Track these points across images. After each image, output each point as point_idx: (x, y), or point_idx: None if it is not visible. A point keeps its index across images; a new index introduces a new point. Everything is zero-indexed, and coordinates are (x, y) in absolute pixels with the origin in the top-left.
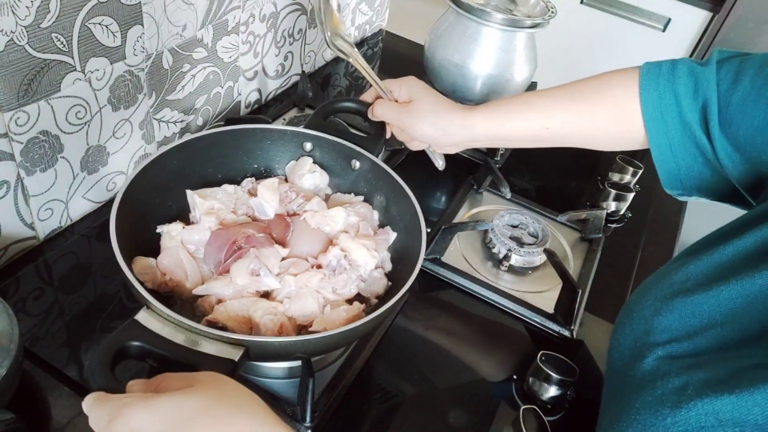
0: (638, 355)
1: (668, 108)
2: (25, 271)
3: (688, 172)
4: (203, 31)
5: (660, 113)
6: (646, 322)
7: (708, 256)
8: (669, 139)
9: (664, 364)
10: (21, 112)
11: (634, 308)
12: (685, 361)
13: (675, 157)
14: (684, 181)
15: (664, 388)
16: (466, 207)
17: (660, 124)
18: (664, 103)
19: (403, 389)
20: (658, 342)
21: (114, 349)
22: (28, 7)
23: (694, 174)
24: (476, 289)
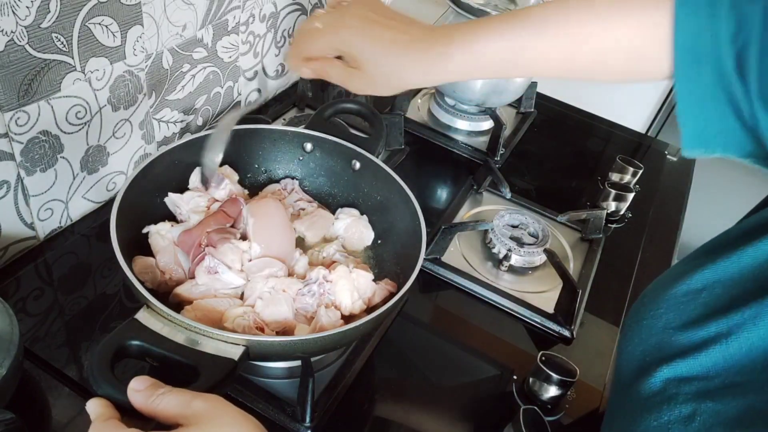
0: (646, 371)
1: (705, 51)
2: (25, 271)
3: (717, 128)
4: (203, 31)
5: (694, 56)
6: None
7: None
8: (701, 88)
9: (671, 385)
10: (21, 112)
11: (644, 315)
12: (694, 384)
13: (704, 110)
14: (709, 138)
15: (670, 414)
16: (466, 207)
17: (693, 69)
18: (700, 44)
19: (403, 389)
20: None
21: (114, 348)
22: (28, 7)
23: (722, 130)
24: (476, 289)
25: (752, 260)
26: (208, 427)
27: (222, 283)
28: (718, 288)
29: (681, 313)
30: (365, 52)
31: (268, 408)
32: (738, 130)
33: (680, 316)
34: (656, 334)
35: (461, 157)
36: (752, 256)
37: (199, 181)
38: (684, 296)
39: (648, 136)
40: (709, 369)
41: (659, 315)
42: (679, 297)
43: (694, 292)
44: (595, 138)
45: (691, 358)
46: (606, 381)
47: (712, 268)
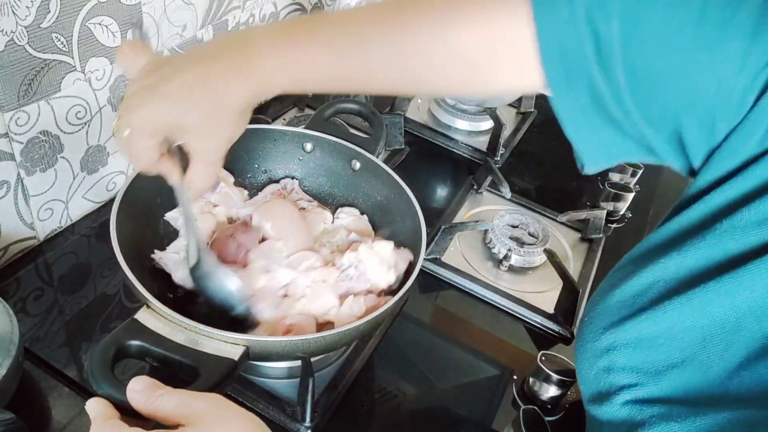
0: (605, 396)
1: (574, 71)
2: (25, 271)
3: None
4: (203, 31)
5: (565, 77)
6: (603, 357)
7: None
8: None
9: (635, 411)
10: (21, 112)
11: (587, 335)
12: (656, 407)
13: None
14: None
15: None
16: (466, 207)
17: (566, 91)
18: (568, 64)
19: (403, 389)
20: (623, 384)
21: (114, 348)
22: (28, 7)
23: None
24: (476, 289)
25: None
26: (209, 427)
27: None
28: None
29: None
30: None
31: (268, 408)
32: (628, 141)
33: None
34: (601, 356)
35: (461, 157)
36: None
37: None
38: (617, 311)
39: None
40: (669, 393)
41: (598, 336)
42: (612, 312)
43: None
44: None
45: (651, 384)
46: None
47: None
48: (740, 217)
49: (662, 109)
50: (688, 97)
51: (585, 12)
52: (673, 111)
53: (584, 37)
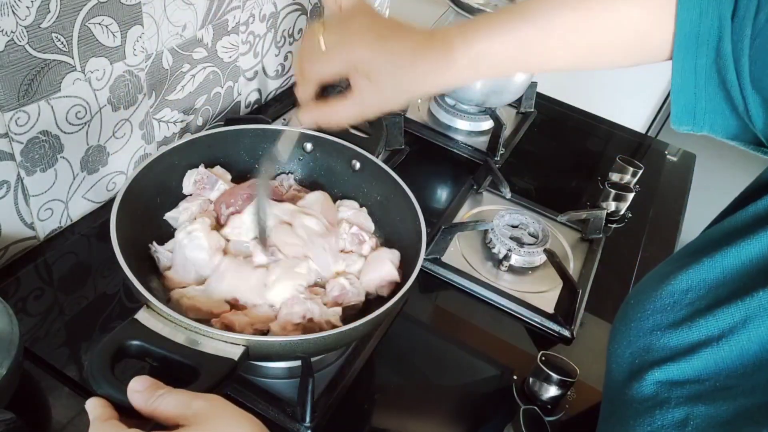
0: (636, 374)
1: (707, 31)
2: (25, 271)
3: (707, 106)
4: (203, 31)
5: (696, 36)
6: (645, 337)
7: (710, 260)
8: (696, 66)
9: (663, 389)
10: (21, 112)
11: (631, 316)
12: (686, 388)
13: (697, 88)
14: (698, 115)
15: (663, 419)
16: (466, 207)
17: (692, 48)
18: (704, 25)
19: (403, 389)
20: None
21: (114, 348)
22: (28, 7)
23: (711, 109)
24: (476, 289)
25: (735, 260)
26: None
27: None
28: (702, 288)
29: (668, 314)
30: (376, 66)
31: (268, 408)
32: (727, 111)
33: (667, 317)
34: (644, 336)
35: (461, 157)
36: (735, 256)
37: (192, 184)
38: (670, 297)
39: (648, 136)
40: (700, 372)
41: (646, 316)
42: (665, 298)
43: (680, 292)
44: (595, 138)
45: (682, 362)
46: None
47: (696, 268)
48: None
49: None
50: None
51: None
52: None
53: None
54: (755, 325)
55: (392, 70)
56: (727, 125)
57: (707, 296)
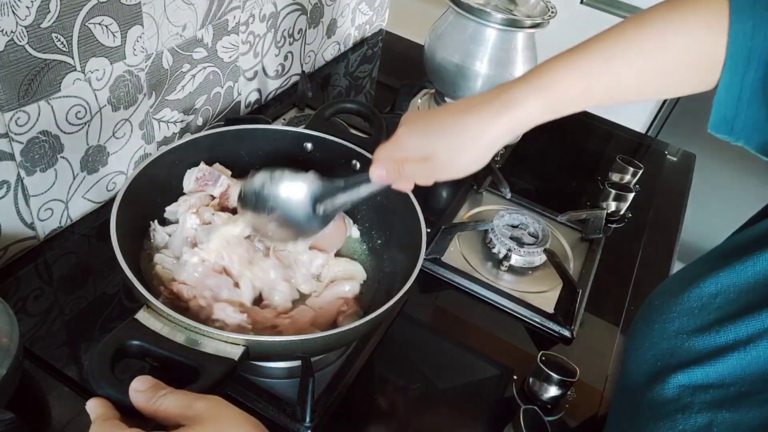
0: (658, 376)
1: (758, 44)
2: (25, 271)
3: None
4: (203, 31)
5: (748, 49)
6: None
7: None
8: (743, 80)
9: (686, 393)
10: (21, 112)
11: (656, 318)
12: (710, 393)
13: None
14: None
15: (685, 423)
16: (466, 207)
17: (742, 61)
18: (756, 38)
19: (403, 389)
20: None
21: (114, 348)
22: (28, 7)
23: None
24: (476, 289)
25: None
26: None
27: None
28: (732, 293)
29: (695, 318)
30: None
31: (268, 408)
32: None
33: (694, 321)
34: (669, 338)
35: None
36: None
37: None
38: (697, 300)
39: (648, 136)
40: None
41: (671, 319)
42: (692, 301)
43: (708, 296)
44: (595, 138)
45: (707, 366)
46: (606, 381)
47: (727, 272)
48: None
49: None
50: None
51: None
52: None
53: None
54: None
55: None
56: (764, 142)
57: (737, 301)
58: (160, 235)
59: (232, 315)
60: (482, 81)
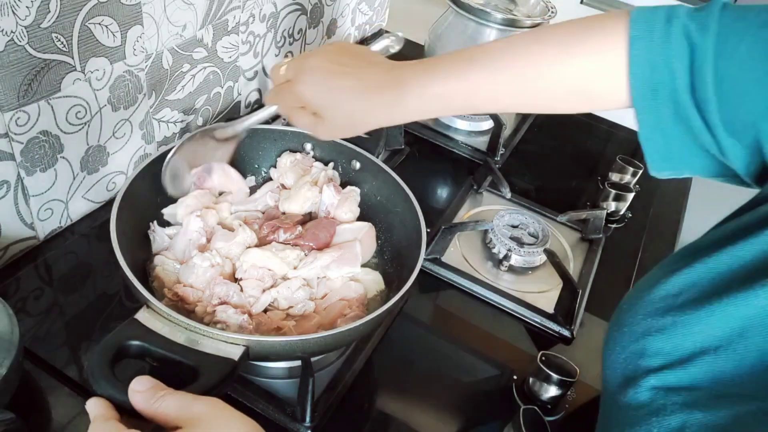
0: (631, 380)
1: (661, 84)
2: (25, 271)
3: (681, 151)
4: (203, 31)
5: (652, 90)
6: (638, 342)
7: (701, 264)
8: (660, 117)
9: (659, 396)
10: (21, 112)
11: (624, 321)
12: (682, 395)
13: (666, 137)
14: (675, 160)
15: (659, 426)
16: (466, 207)
17: (650, 101)
18: (656, 78)
19: (403, 389)
20: (652, 368)
21: (114, 348)
22: (28, 7)
23: (687, 152)
24: (476, 289)
25: (727, 267)
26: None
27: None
28: (694, 292)
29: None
30: (324, 105)
31: (268, 408)
32: (701, 153)
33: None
34: (637, 340)
35: (461, 157)
36: (727, 263)
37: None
38: (661, 301)
39: None
40: (697, 380)
41: (638, 321)
42: (656, 302)
43: (672, 296)
44: (595, 138)
45: (679, 369)
46: None
47: (687, 271)
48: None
49: (746, 114)
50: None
51: (682, 28)
52: (755, 116)
53: (678, 50)
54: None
55: (338, 106)
56: (707, 166)
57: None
58: (160, 237)
59: (233, 316)
60: None
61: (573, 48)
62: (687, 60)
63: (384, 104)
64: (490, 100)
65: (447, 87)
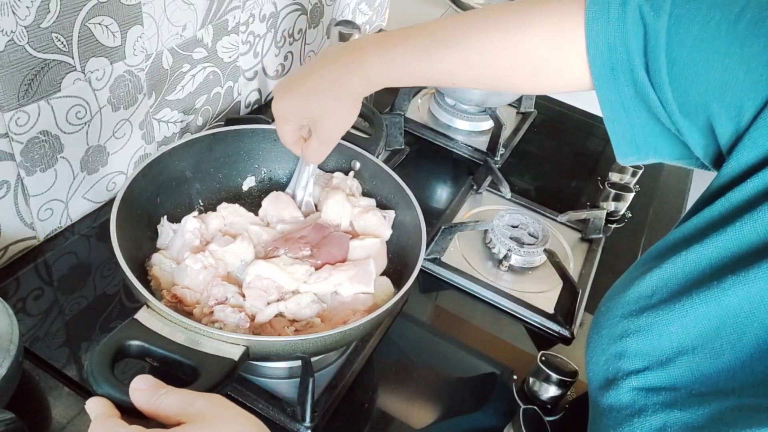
0: (612, 382)
1: (619, 64)
2: (25, 271)
3: (644, 132)
4: (203, 31)
5: (611, 69)
6: (616, 344)
7: (671, 264)
8: (621, 96)
9: (640, 397)
10: (21, 112)
11: (602, 323)
12: (662, 395)
13: (628, 116)
14: (639, 142)
15: (641, 427)
16: (466, 207)
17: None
18: (615, 58)
19: (403, 389)
20: (632, 370)
21: (114, 348)
22: (28, 7)
23: (650, 134)
24: (476, 289)
25: (694, 266)
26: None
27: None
28: (665, 292)
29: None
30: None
31: (268, 408)
32: (664, 134)
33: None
34: (615, 342)
35: (461, 157)
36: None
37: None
38: (636, 302)
39: None
40: (676, 380)
41: (615, 323)
42: (631, 303)
43: (645, 297)
44: (595, 138)
45: (659, 370)
46: None
47: (658, 271)
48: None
49: (697, 96)
50: (720, 84)
51: (637, 10)
52: (705, 97)
53: (633, 31)
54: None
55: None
56: (670, 148)
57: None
58: (167, 232)
59: (230, 315)
60: None
61: (530, 26)
62: (641, 41)
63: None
64: (449, 74)
65: (407, 55)
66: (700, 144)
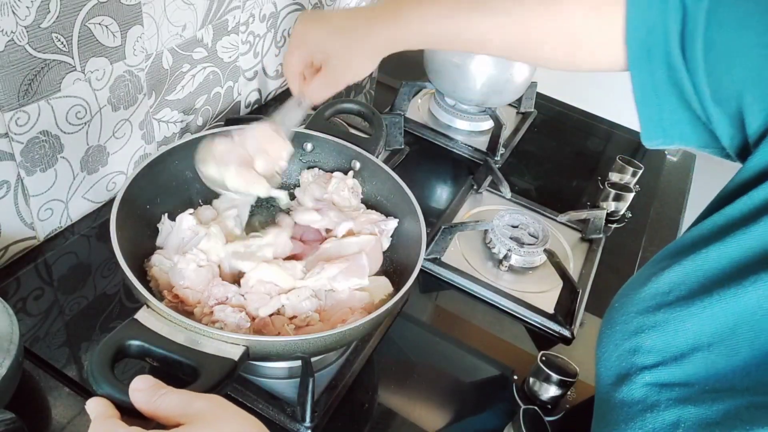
0: (625, 377)
1: (657, 46)
2: (25, 271)
3: (672, 117)
4: (203, 31)
5: (647, 51)
6: (630, 339)
7: (690, 261)
8: (654, 80)
9: (653, 392)
10: (21, 112)
11: (616, 319)
12: (675, 390)
13: (659, 99)
14: (666, 127)
15: (654, 422)
16: (466, 207)
17: (645, 62)
18: (652, 40)
19: (403, 389)
20: (646, 365)
21: (114, 348)
22: (28, 7)
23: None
24: (476, 289)
25: (715, 263)
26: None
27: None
28: (683, 289)
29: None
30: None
31: (268, 408)
32: (692, 121)
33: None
34: (630, 338)
35: (461, 157)
36: (715, 259)
37: None
38: (652, 299)
39: None
40: (690, 376)
41: (630, 319)
42: (648, 300)
43: (662, 294)
44: (595, 138)
45: (673, 365)
46: None
47: (677, 269)
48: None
49: (731, 83)
50: (756, 73)
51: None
52: (740, 86)
53: (672, 13)
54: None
55: (347, 44)
56: (697, 135)
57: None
58: (167, 230)
59: (231, 315)
60: (482, 81)
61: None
62: (680, 24)
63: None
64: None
65: (442, 14)
66: (727, 133)
